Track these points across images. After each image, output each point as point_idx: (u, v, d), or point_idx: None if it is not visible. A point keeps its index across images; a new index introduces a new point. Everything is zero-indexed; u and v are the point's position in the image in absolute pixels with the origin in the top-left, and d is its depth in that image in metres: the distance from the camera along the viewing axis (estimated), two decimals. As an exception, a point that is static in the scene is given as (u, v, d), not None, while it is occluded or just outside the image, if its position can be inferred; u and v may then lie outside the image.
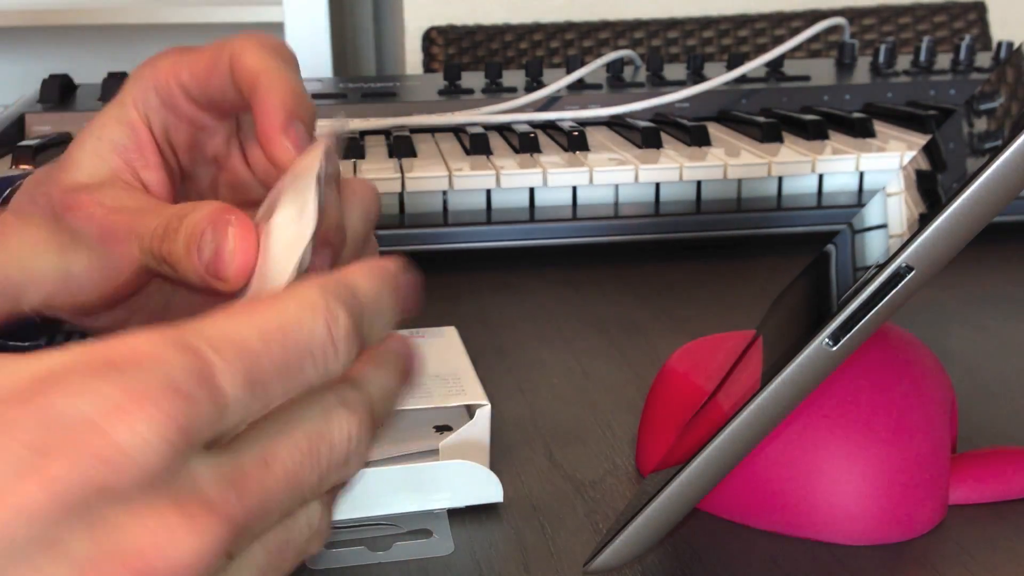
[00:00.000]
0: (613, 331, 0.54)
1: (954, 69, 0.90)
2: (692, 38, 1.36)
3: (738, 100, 0.84)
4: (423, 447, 0.39)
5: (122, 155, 0.37)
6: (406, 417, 0.40)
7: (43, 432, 0.21)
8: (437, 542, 0.36)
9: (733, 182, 0.67)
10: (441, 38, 1.31)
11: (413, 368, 0.29)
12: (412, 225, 0.63)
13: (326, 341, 0.24)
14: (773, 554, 0.35)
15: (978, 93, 0.37)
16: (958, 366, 0.49)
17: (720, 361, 0.39)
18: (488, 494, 0.37)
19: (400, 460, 0.38)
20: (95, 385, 0.22)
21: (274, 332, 0.24)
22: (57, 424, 0.21)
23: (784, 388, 0.29)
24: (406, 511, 0.37)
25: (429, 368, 0.42)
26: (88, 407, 0.21)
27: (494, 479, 0.37)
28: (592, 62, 0.86)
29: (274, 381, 0.24)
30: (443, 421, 0.40)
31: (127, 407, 0.21)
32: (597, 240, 0.65)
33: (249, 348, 0.23)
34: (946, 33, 1.39)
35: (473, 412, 0.39)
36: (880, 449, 0.35)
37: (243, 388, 0.23)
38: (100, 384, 0.22)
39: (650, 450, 0.40)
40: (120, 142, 0.38)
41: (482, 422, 0.39)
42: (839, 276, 0.33)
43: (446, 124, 0.78)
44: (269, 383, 0.23)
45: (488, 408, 0.39)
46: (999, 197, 0.26)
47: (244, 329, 0.23)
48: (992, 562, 0.34)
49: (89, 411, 0.21)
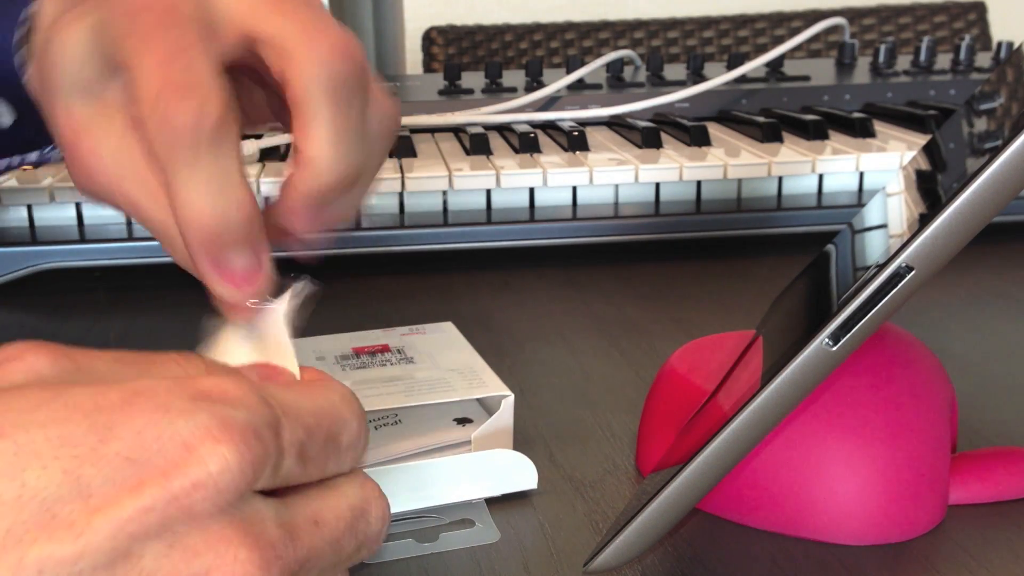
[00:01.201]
0: (613, 331, 0.54)
1: (954, 69, 0.90)
2: (692, 38, 1.36)
3: (738, 100, 0.84)
4: (452, 440, 0.39)
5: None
6: (427, 412, 0.40)
7: (139, 445, 0.22)
8: (482, 530, 0.36)
9: (733, 182, 0.67)
10: (441, 38, 1.31)
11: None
12: (412, 225, 0.63)
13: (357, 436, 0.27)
14: (773, 554, 0.35)
15: (978, 93, 0.37)
16: (958, 366, 0.49)
17: (720, 361, 0.39)
18: (525, 481, 0.38)
19: (429, 454, 0.39)
20: (190, 409, 0.23)
21: (324, 415, 0.26)
22: (153, 440, 0.22)
23: (784, 388, 0.29)
24: (447, 503, 0.38)
25: (443, 363, 0.43)
26: (185, 429, 0.23)
27: (530, 466, 0.38)
28: (592, 62, 0.86)
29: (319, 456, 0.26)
30: (461, 414, 0.41)
31: (219, 436, 0.23)
32: (597, 240, 0.65)
33: (305, 421, 0.25)
34: (946, 33, 1.39)
35: (485, 404, 0.40)
36: (880, 449, 0.35)
37: (296, 454, 0.25)
38: (196, 409, 0.23)
39: (650, 450, 0.40)
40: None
41: (507, 411, 0.40)
42: (839, 276, 0.33)
43: (446, 124, 0.78)
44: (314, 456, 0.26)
45: (512, 398, 0.40)
46: (999, 197, 0.26)
47: (304, 404, 0.26)
48: (992, 562, 0.34)
49: (185, 433, 0.23)
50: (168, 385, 0.24)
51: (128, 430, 0.22)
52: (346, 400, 0.27)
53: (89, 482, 0.22)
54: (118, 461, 0.22)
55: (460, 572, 0.34)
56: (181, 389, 0.24)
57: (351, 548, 0.26)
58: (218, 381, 0.24)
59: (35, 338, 0.25)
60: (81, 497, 0.22)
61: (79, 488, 0.22)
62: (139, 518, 0.22)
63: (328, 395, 0.27)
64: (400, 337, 0.46)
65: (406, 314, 0.49)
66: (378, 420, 0.40)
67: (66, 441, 0.22)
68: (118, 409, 0.23)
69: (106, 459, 0.22)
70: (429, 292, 0.61)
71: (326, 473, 0.27)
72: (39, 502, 0.21)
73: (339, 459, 0.27)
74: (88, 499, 0.22)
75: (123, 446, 0.22)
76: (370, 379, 0.41)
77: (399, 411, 0.41)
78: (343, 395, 0.27)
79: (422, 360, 0.43)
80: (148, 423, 0.23)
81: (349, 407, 0.27)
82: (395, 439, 0.39)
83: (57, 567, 0.21)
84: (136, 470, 0.22)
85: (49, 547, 0.21)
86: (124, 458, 0.22)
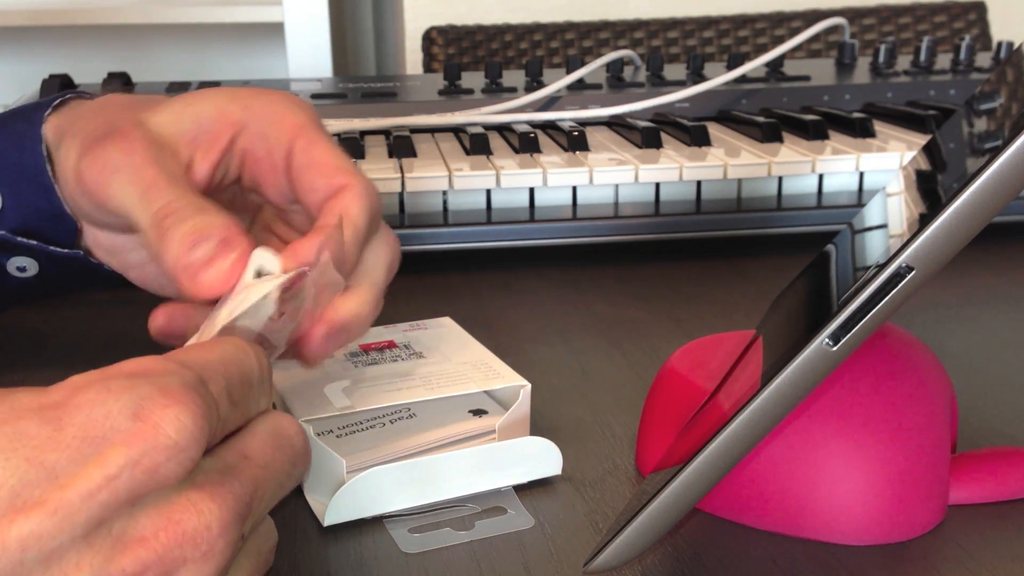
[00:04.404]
0: (613, 331, 0.54)
1: (954, 69, 0.90)
2: (692, 38, 1.36)
3: (738, 100, 0.84)
4: (474, 430, 0.40)
5: (195, 129, 0.39)
6: (441, 405, 0.41)
7: (91, 425, 0.24)
8: (514, 517, 0.37)
9: (733, 182, 0.67)
10: (441, 38, 1.31)
11: None
12: (412, 225, 0.63)
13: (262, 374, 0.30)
14: (773, 554, 0.35)
15: (978, 93, 0.37)
16: (958, 366, 0.49)
17: (720, 361, 0.39)
18: (551, 467, 0.39)
19: (453, 445, 0.39)
20: (129, 385, 0.25)
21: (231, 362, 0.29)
22: (103, 418, 0.24)
23: (784, 388, 0.29)
24: (477, 491, 0.38)
25: (453, 356, 0.43)
26: (131, 402, 0.24)
27: (556, 452, 0.39)
28: (592, 62, 0.86)
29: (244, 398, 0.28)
30: (475, 406, 0.41)
31: (165, 401, 0.24)
32: (597, 240, 0.65)
33: (221, 371, 0.28)
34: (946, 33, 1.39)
35: (494, 395, 0.42)
36: (880, 449, 0.35)
37: (227, 401, 0.27)
38: (134, 384, 0.25)
39: (650, 450, 0.40)
40: (203, 119, 0.39)
41: (525, 401, 0.40)
42: (839, 276, 0.33)
43: (446, 124, 0.78)
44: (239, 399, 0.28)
45: (529, 387, 0.40)
46: (999, 197, 0.26)
47: (211, 358, 0.28)
48: (992, 562, 0.34)
49: (132, 406, 0.24)
50: (99, 375, 0.25)
51: (78, 416, 0.24)
52: (240, 346, 0.30)
53: (53, 465, 0.23)
54: (76, 443, 0.24)
55: (460, 572, 0.34)
56: (112, 375, 0.25)
57: (286, 467, 0.29)
58: (139, 361, 0.27)
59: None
60: (48, 479, 0.23)
61: (45, 472, 0.23)
62: (107, 485, 0.23)
63: (224, 346, 0.29)
64: (403, 333, 0.46)
65: (406, 314, 0.49)
66: (393, 415, 0.40)
67: (22, 435, 0.23)
68: (62, 404, 0.24)
69: (64, 443, 0.24)
70: (429, 292, 0.61)
71: (252, 411, 0.29)
72: (8, 489, 0.23)
73: (258, 396, 0.29)
74: (55, 479, 0.23)
75: (77, 431, 0.24)
76: (384, 375, 0.41)
77: (412, 405, 0.41)
78: (235, 343, 0.30)
79: (431, 355, 0.43)
80: (94, 405, 0.24)
81: (244, 351, 0.30)
82: (414, 432, 0.39)
83: (39, 543, 0.23)
84: (95, 446, 0.24)
85: (27, 525, 0.22)
86: (81, 439, 0.24)
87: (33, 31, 1.80)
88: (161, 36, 1.86)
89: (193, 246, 0.34)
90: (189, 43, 1.86)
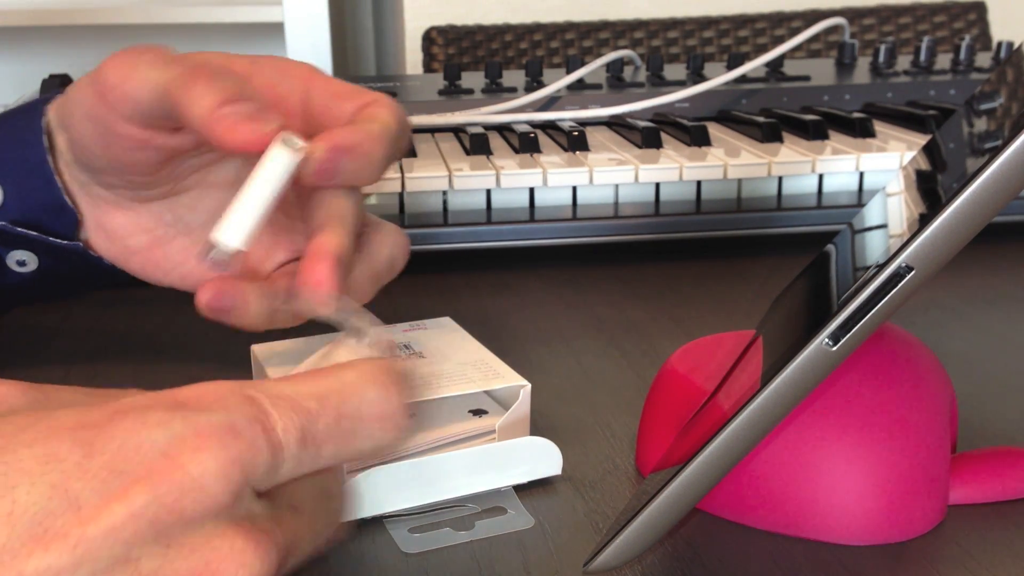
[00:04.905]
0: (613, 331, 0.54)
1: (954, 69, 0.90)
2: (692, 38, 1.36)
3: (738, 100, 0.84)
4: (474, 430, 0.40)
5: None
6: (441, 405, 0.41)
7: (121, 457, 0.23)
8: (515, 517, 0.37)
9: (733, 182, 0.67)
10: (441, 38, 1.31)
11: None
12: (412, 225, 0.63)
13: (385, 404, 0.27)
14: (773, 554, 0.35)
15: (978, 93, 0.37)
16: (958, 366, 0.49)
17: (720, 361, 0.39)
18: (551, 467, 0.39)
19: (453, 445, 0.39)
20: (166, 419, 0.24)
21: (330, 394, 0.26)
22: (133, 451, 0.23)
23: (784, 388, 0.29)
24: (477, 491, 0.38)
25: (453, 356, 0.43)
26: (162, 439, 0.23)
27: (557, 452, 0.39)
28: (592, 62, 0.86)
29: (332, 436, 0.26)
30: (474, 406, 0.41)
31: (193, 442, 0.23)
32: (597, 240, 0.65)
33: (304, 407, 0.25)
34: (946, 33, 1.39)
35: (493, 395, 0.42)
36: (880, 449, 0.35)
37: (297, 442, 0.25)
38: (171, 419, 0.24)
39: (650, 450, 0.40)
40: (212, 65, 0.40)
41: (525, 401, 0.40)
42: (839, 276, 0.33)
43: (446, 124, 0.78)
44: (325, 437, 0.26)
45: (529, 387, 0.40)
46: (999, 197, 0.26)
47: (303, 389, 0.26)
48: (992, 562, 0.34)
49: (163, 443, 0.23)
50: (146, 400, 0.25)
51: (110, 444, 0.23)
52: (364, 375, 0.27)
53: (77, 495, 0.22)
54: (104, 474, 0.23)
55: (460, 572, 0.34)
56: (158, 402, 0.24)
57: (323, 528, 0.28)
58: (195, 389, 0.25)
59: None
60: (72, 509, 0.22)
61: (68, 501, 0.22)
62: (131, 522, 0.22)
63: (341, 375, 0.27)
64: (403, 333, 0.46)
65: (406, 314, 0.49)
66: None
67: (52, 457, 0.23)
68: (99, 426, 0.24)
69: (91, 472, 0.23)
70: (429, 292, 0.61)
71: (351, 450, 0.27)
72: (30, 517, 0.22)
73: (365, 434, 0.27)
74: (79, 511, 0.22)
75: (107, 460, 0.23)
76: None
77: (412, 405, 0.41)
78: (362, 371, 0.27)
79: (431, 355, 0.43)
80: (128, 436, 0.23)
81: (368, 381, 0.27)
82: (414, 432, 0.39)
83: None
84: (121, 480, 0.23)
85: (46, 559, 0.22)
86: (109, 470, 0.23)
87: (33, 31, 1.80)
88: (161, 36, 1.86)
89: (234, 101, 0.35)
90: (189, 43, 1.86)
